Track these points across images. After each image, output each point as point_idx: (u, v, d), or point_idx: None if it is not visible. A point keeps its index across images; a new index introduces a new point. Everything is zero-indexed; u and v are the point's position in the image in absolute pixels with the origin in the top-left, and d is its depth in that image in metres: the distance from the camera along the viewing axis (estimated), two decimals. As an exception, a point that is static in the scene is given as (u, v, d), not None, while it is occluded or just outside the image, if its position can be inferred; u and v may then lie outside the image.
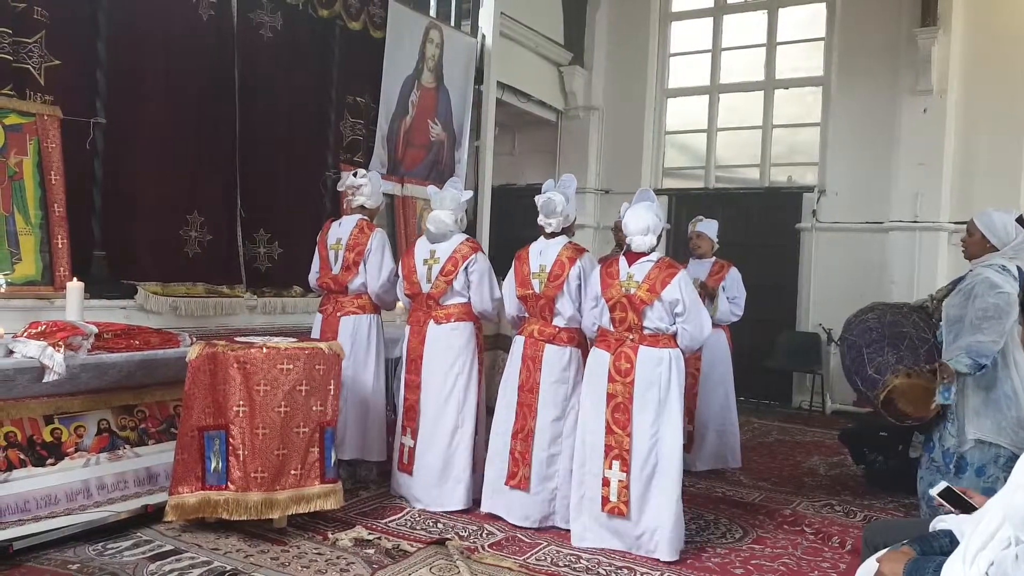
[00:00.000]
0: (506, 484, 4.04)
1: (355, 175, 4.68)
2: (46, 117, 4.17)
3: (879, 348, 4.31)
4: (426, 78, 6.83)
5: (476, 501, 4.22)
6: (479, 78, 7.55)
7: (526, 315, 4.19)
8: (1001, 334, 3.63)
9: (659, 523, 3.62)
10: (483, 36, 7.58)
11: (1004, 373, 3.72)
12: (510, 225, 8.03)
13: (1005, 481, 3.48)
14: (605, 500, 3.69)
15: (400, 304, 5.68)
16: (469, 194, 4.61)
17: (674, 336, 3.71)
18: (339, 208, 5.64)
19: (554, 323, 4.04)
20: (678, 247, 8.30)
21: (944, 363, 3.71)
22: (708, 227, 5.57)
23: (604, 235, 8.87)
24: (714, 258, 5.53)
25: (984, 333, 3.65)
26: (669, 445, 3.64)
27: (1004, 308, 3.63)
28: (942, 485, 2.24)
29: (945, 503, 2.18)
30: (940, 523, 2.09)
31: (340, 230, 4.61)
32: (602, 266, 3.88)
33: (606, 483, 3.69)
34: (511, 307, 4.27)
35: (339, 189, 5.01)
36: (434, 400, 4.24)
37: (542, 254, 4.08)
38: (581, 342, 4.08)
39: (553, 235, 4.12)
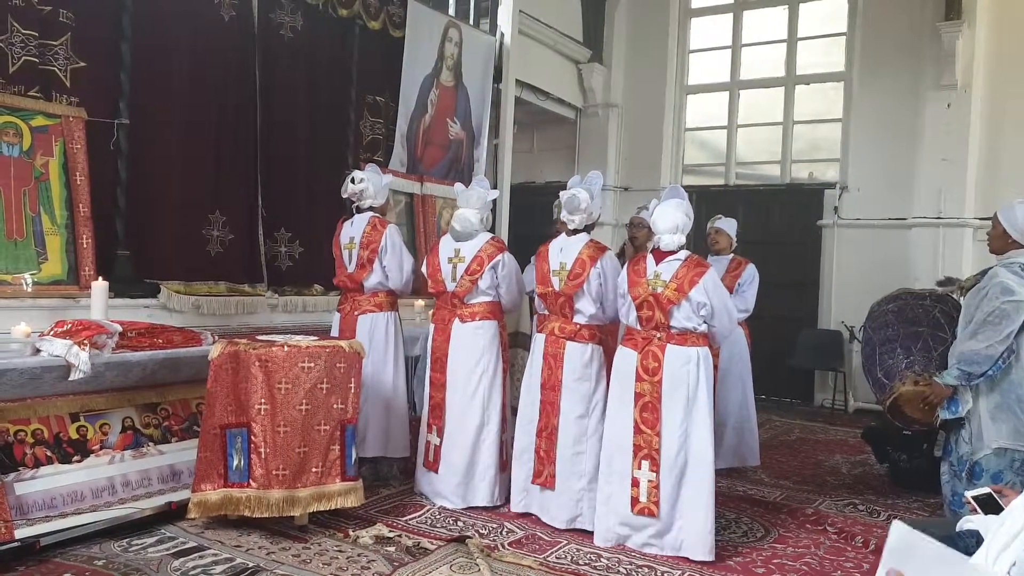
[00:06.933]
0: (533, 483, 4.04)
1: (352, 181, 4.60)
2: (71, 119, 4.22)
3: (890, 349, 4.23)
4: (445, 77, 6.84)
5: (507, 500, 4.23)
6: (498, 76, 7.54)
7: (546, 312, 4.18)
8: (1000, 340, 3.54)
9: (691, 523, 3.58)
10: (502, 34, 7.58)
11: (1019, 376, 3.62)
12: (529, 223, 8.01)
13: (1022, 485, 3.43)
14: (635, 501, 3.66)
15: (419, 303, 5.69)
16: (496, 193, 4.60)
17: (702, 334, 3.67)
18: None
19: (575, 320, 4.02)
20: (697, 244, 8.25)
21: (935, 382, 3.66)
22: (727, 224, 5.59)
23: (623, 233, 8.82)
24: (732, 255, 5.52)
25: (977, 339, 3.59)
26: (699, 444, 3.59)
27: (1010, 314, 3.54)
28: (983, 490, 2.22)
29: (980, 510, 2.15)
30: (967, 523, 2.06)
31: (353, 229, 4.62)
32: (629, 264, 3.84)
33: (635, 483, 3.65)
34: (536, 303, 4.27)
35: (343, 195, 4.73)
36: (460, 398, 4.25)
37: (563, 251, 4.05)
38: (602, 339, 4.06)
39: (575, 232, 4.09)
